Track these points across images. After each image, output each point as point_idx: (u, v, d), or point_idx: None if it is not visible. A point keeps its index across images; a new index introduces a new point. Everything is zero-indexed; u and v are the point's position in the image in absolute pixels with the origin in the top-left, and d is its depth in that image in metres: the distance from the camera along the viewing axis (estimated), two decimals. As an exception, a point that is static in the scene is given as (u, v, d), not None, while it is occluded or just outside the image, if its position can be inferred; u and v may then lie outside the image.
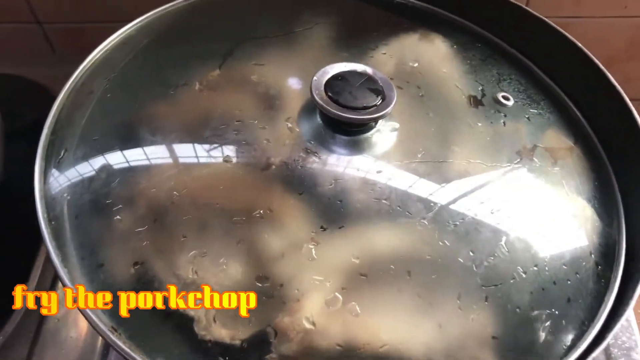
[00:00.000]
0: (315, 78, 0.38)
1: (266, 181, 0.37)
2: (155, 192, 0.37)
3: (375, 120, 0.38)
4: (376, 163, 0.38)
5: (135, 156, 0.39)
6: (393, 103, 0.38)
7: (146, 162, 0.38)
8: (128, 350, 0.31)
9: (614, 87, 0.45)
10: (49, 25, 0.72)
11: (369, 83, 0.39)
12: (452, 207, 0.37)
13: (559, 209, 0.40)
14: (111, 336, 0.32)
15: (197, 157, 0.38)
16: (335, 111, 0.37)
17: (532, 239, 0.37)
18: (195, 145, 0.39)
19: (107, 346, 0.47)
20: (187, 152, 0.39)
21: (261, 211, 0.36)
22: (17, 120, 0.58)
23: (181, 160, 0.38)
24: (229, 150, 0.38)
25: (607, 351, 0.45)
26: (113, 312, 0.33)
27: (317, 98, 0.37)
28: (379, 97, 0.38)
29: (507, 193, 0.39)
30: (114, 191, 0.37)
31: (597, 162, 0.44)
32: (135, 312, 0.33)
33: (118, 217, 0.36)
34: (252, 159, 0.38)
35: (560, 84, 0.48)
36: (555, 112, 0.46)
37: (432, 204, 0.37)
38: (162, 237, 0.35)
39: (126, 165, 0.38)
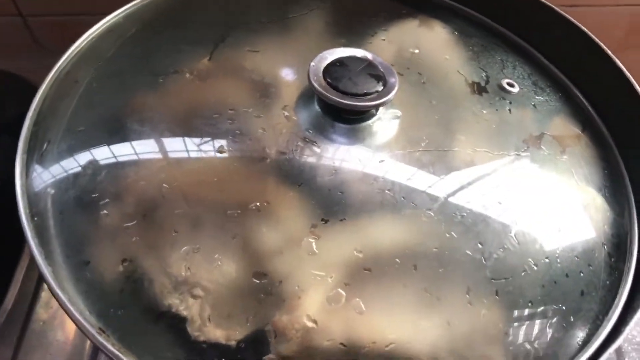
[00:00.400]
0: (313, 64, 0.36)
1: (262, 172, 0.35)
2: (145, 186, 0.34)
3: (377, 107, 0.36)
4: (378, 152, 0.36)
5: (123, 148, 0.36)
6: (395, 89, 0.36)
7: (135, 154, 0.36)
8: (117, 352, 0.29)
9: (622, 72, 0.43)
10: (32, 18, 0.70)
11: (370, 69, 0.37)
12: (458, 197, 0.35)
13: (569, 198, 0.38)
14: (99, 338, 0.30)
15: (188, 148, 0.36)
16: (335, 98, 0.35)
17: (542, 230, 0.36)
18: (187, 135, 0.36)
19: (96, 349, 0.45)
20: (178, 143, 0.36)
21: (257, 204, 0.34)
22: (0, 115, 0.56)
23: (172, 151, 0.36)
24: (223, 141, 0.36)
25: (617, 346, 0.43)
26: (101, 312, 0.31)
27: (315, 84, 0.35)
28: (380, 83, 0.36)
29: (515, 182, 0.37)
30: (100, 185, 0.35)
31: (606, 150, 0.42)
32: (124, 312, 0.31)
33: (105, 212, 0.34)
34: (247, 150, 0.36)
35: (566, 70, 0.47)
36: (562, 99, 0.44)
37: (437, 195, 0.35)
38: (152, 233, 0.33)
39: (113, 157, 0.36)
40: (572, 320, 0.34)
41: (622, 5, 0.68)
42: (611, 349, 0.32)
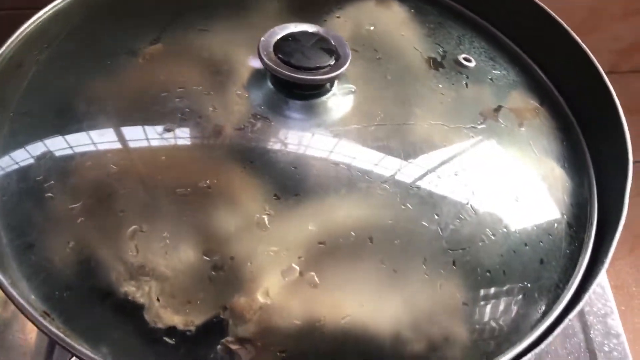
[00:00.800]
0: (263, 39, 0.36)
1: (213, 150, 0.34)
2: (91, 166, 0.33)
3: (331, 81, 0.36)
4: (333, 128, 0.36)
5: (69, 130, 0.35)
6: (348, 61, 0.35)
7: (81, 136, 0.35)
8: (62, 335, 0.28)
9: (578, 45, 0.43)
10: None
11: (322, 43, 0.36)
12: (414, 170, 0.35)
13: (527, 169, 0.38)
14: (42, 321, 0.29)
15: (136, 128, 0.35)
16: (286, 72, 0.34)
17: (500, 201, 0.35)
18: (134, 115, 0.36)
19: (52, 344, 0.44)
20: (126, 123, 0.35)
21: (208, 181, 0.33)
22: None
23: (119, 132, 0.35)
24: (171, 119, 0.35)
25: (582, 319, 0.43)
26: (46, 295, 0.30)
27: (265, 59, 0.35)
28: (333, 57, 0.35)
29: (471, 154, 0.37)
30: (45, 167, 0.34)
31: (565, 122, 0.42)
32: (70, 294, 0.30)
33: (50, 194, 0.33)
34: (196, 128, 0.35)
35: (523, 46, 0.46)
36: (519, 73, 0.44)
37: (393, 168, 0.34)
38: (99, 214, 0.32)
39: (59, 139, 0.35)
40: (532, 289, 0.33)
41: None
42: (571, 316, 0.31)
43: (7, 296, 0.29)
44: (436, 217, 0.33)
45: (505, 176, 0.37)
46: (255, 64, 0.37)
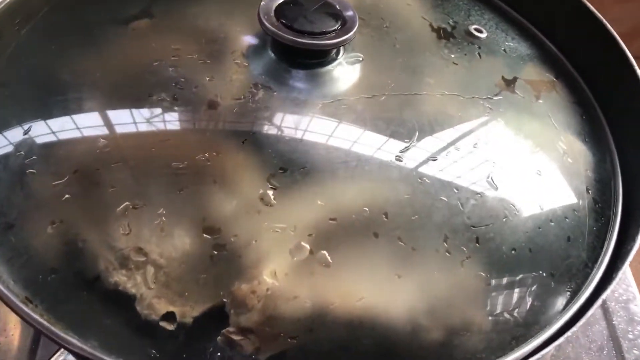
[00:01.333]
0: (263, 3, 0.33)
1: (212, 121, 0.31)
2: (78, 140, 0.30)
3: (337, 46, 0.33)
4: (340, 98, 0.33)
5: (53, 104, 0.32)
6: (356, 26, 0.32)
7: (67, 110, 0.32)
8: (46, 323, 0.25)
9: (593, 15, 0.41)
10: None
11: (326, 7, 0.33)
12: (429, 142, 0.32)
13: (548, 143, 0.35)
14: (24, 308, 0.25)
15: (127, 100, 0.32)
16: (289, 37, 0.32)
17: (521, 175, 0.33)
18: (125, 86, 0.33)
19: (36, 339, 0.40)
20: (115, 94, 0.32)
21: (206, 154, 0.30)
22: None
23: (109, 103, 0.32)
24: (165, 89, 0.32)
25: (604, 305, 0.41)
26: (28, 280, 0.27)
27: (266, 24, 0.32)
28: (339, 22, 0.33)
29: (489, 126, 0.34)
30: (26, 142, 0.30)
31: (581, 97, 0.40)
32: (55, 278, 0.27)
33: (31, 170, 0.29)
34: (193, 98, 0.32)
35: (534, 20, 0.44)
36: (532, 46, 0.41)
37: (406, 140, 0.32)
38: (86, 190, 0.29)
39: (43, 114, 0.32)
40: (560, 268, 0.31)
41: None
42: (604, 295, 0.29)
43: (-17, 281, 0.26)
44: (455, 191, 0.31)
45: (525, 149, 0.34)
46: (251, 39, 0.34)
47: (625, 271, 0.43)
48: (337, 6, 0.34)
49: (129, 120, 0.31)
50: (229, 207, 0.29)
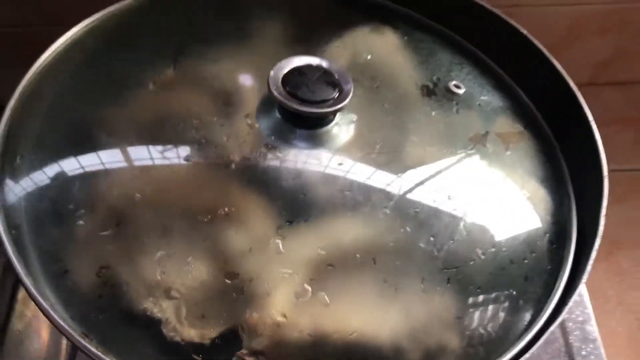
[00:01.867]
0: (272, 73, 0.39)
1: (229, 179, 0.37)
2: (117, 195, 0.36)
3: (334, 113, 0.39)
4: (337, 155, 0.39)
5: (93, 160, 0.38)
6: (350, 96, 0.38)
7: (105, 166, 0.38)
8: (101, 355, 0.31)
9: (557, 71, 0.47)
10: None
11: (326, 76, 0.39)
12: (411, 194, 0.38)
13: (513, 191, 0.41)
14: (83, 342, 0.32)
15: (157, 157, 0.38)
16: (294, 106, 0.37)
17: (489, 222, 0.39)
18: (153, 145, 0.39)
19: (73, 354, 0.46)
20: (146, 153, 0.38)
21: (226, 209, 0.36)
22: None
23: (140, 161, 0.38)
24: (189, 150, 0.38)
25: (562, 325, 0.47)
26: (82, 317, 0.33)
27: (275, 93, 0.38)
28: (336, 90, 0.39)
29: (463, 178, 0.40)
30: (74, 196, 0.37)
31: (546, 143, 0.46)
32: (104, 316, 0.33)
33: (80, 222, 0.36)
34: (212, 157, 0.38)
35: (509, 71, 0.50)
36: (506, 98, 0.47)
37: (392, 193, 0.38)
38: (127, 240, 0.35)
39: (85, 169, 0.38)
40: (518, 303, 0.37)
41: (562, 5, 0.72)
42: (552, 327, 0.35)
43: (48, 319, 0.32)
44: (432, 239, 0.37)
45: (493, 198, 0.40)
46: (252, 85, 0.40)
47: (583, 294, 0.50)
48: (336, 75, 0.40)
49: (161, 178, 0.37)
50: (245, 254, 0.35)
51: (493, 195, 0.40)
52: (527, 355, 0.35)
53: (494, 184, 0.41)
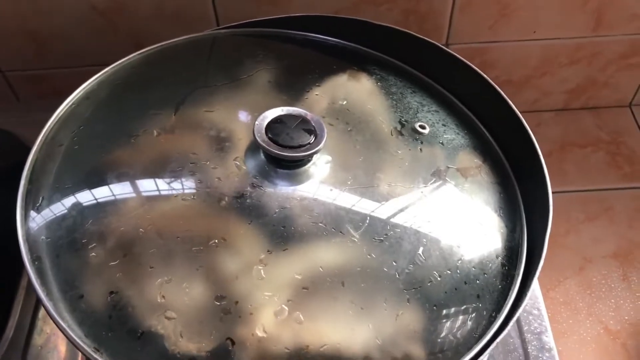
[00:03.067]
0: (257, 122, 0.45)
1: (219, 214, 0.44)
2: (124, 230, 0.43)
3: (310, 156, 0.45)
4: (313, 192, 0.45)
5: (104, 199, 0.45)
6: (324, 141, 0.44)
7: (114, 204, 0.44)
8: (110, 366, 0.38)
9: (513, 111, 0.53)
10: (10, 73, 0.77)
11: (303, 124, 0.46)
12: (377, 225, 0.44)
13: (469, 219, 0.47)
14: (95, 355, 0.38)
15: (158, 196, 0.44)
16: (275, 151, 0.44)
17: (445, 247, 0.45)
18: (156, 185, 0.45)
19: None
20: (149, 192, 0.45)
21: (216, 240, 0.42)
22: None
23: (144, 200, 0.44)
24: (186, 189, 0.44)
25: (522, 336, 0.53)
26: (95, 335, 0.39)
27: (259, 140, 0.44)
28: (312, 136, 0.45)
29: (424, 210, 0.46)
30: (87, 231, 0.43)
31: (502, 175, 0.52)
32: (113, 334, 0.39)
33: (93, 254, 0.42)
34: (206, 195, 0.44)
35: (473, 109, 0.56)
36: (467, 135, 0.53)
37: (360, 224, 0.44)
38: (132, 269, 0.41)
39: (97, 208, 0.44)
40: (470, 318, 0.43)
41: (534, 40, 0.78)
42: (498, 339, 0.41)
43: (66, 337, 0.38)
44: (394, 263, 0.43)
45: (450, 226, 0.46)
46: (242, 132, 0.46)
47: (540, 309, 0.55)
48: (312, 122, 0.46)
49: (161, 214, 0.43)
50: (232, 279, 0.41)
51: (451, 223, 0.46)
52: (484, 356, 0.40)
53: (452, 214, 0.47)
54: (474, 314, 0.43)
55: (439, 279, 0.43)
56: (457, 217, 0.47)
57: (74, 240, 0.43)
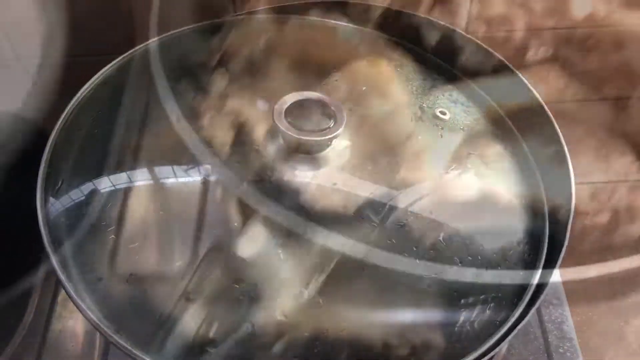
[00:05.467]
0: (276, 107, 0.45)
1: (240, 198, 0.43)
2: (143, 212, 0.43)
3: (329, 140, 0.45)
4: (332, 177, 0.45)
5: (123, 183, 0.45)
6: (343, 124, 0.44)
7: (133, 188, 0.44)
8: (130, 348, 0.37)
9: (536, 99, 0.52)
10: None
11: (323, 108, 0.45)
12: (397, 210, 0.44)
13: (490, 206, 0.47)
14: (115, 337, 0.38)
15: (178, 180, 0.44)
16: (294, 135, 0.43)
17: (466, 234, 0.44)
18: (175, 169, 0.45)
19: (106, 352, 0.53)
20: (169, 176, 0.45)
21: (236, 223, 0.42)
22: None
23: (164, 183, 0.44)
24: (205, 173, 0.44)
25: (542, 326, 0.52)
26: (114, 317, 0.39)
27: (278, 124, 0.44)
28: (332, 120, 0.44)
29: (444, 196, 0.46)
30: (106, 214, 0.43)
31: (524, 163, 0.51)
32: (132, 315, 0.39)
33: (112, 236, 0.42)
34: (226, 179, 0.44)
35: (493, 97, 0.55)
36: (488, 122, 0.53)
37: (380, 209, 0.44)
38: (152, 251, 0.41)
39: (116, 191, 0.44)
40: (491, 305, 0.42)
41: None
42: (518, 328, 0.40)
43: (86, 319, 0.38)
44: (414, 249, 0.42)
45: (471, 213, 0.46)
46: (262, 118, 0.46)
47: (562, 299, 0.55)
48: (331, 106, 0.45)
49: (182, 196, 0.43)
50: (252, 263, 0.41)
51: (472, 210, 0.46)
52: (496, 350, 0.40)
53: (473, 200, 0.46)
54: (494, 302, 0.43)
55: (459, 265, 0.43)
56: (478, 203, 0.46)
57: (93, 224, 0.43)
